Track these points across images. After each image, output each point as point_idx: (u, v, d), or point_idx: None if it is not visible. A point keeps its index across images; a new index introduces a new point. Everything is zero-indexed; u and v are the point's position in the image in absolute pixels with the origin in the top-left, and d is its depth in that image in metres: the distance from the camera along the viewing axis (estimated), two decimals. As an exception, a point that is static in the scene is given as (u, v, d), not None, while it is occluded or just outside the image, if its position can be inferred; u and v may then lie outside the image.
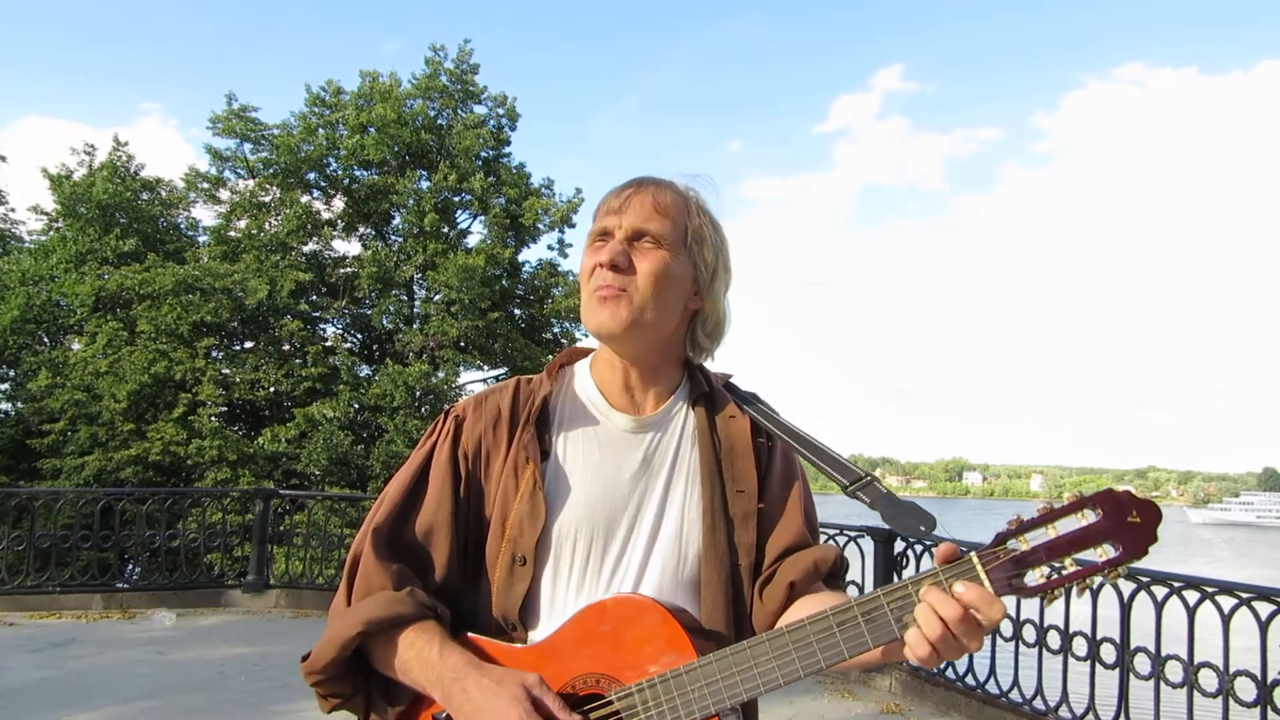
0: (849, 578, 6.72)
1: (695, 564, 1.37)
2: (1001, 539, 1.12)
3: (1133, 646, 4.96)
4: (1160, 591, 4.90)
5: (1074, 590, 1.12)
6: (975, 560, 1.12)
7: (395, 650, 1.30)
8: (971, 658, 5.89)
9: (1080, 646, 5.21)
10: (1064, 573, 1.10)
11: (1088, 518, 1.09)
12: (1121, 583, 5.07)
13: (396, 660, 1.30)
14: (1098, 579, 1.09)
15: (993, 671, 5.76)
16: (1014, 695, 5.58)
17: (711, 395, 1.49)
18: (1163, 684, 4.79)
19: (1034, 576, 1.11)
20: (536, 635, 1.35)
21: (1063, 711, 5.27)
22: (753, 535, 1.40)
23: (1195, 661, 4.64)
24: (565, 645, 1.27)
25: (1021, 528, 1.12)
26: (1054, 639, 5.36)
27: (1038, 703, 5.42)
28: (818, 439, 1.43)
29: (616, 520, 1.38)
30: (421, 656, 1.28)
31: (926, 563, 6.29)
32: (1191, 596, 4.76)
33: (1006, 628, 5.62)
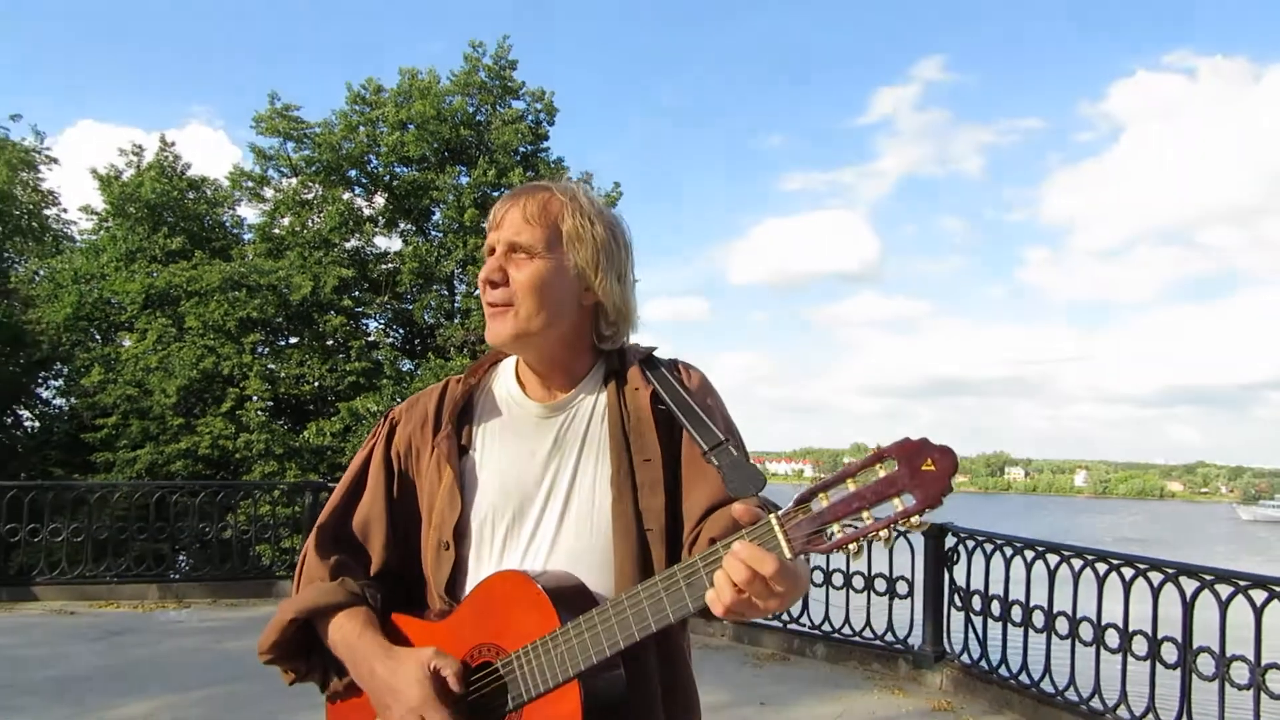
0: (899, 573, 6.71)
1: (606, 533, 1.47)
2: (803, 499, 1.15)
3: (1195, 646, 4.85)
4: (1225, 590, 4.79)
5: (874, 543, 1.13)
6: (773, 520, 1.16)
7: (329, 633, 1.49)
8: (1026, 655, 5.81)
9: (1140, 645, 5.10)
10: (860, 527, 1.11)
11: (887, 469, 1.10)
12: (1184, 580, 4.97)
13: (329, 642, 1.50)
14: (894, 530, 1.10)
15: (1048, 669, 5.67)
16: (1070, 694, 5.49)
17: (623, 371, 1.58)
18: (1228, 685, 4.69)
19: (832, 533, 1.13)
20: None
21: (1121, 711, 5.17)
22: (660, 501, 1.47)
23: (1262, 663, 4.54)
24: (464, 620, 1.43)
25: (821, 486, 1.14)
26: (1112, 637, 5.26)
27: (1095, 702, 5.31)
28: (700, 405, 1.49)
29: (530, 500, 1.50)
30: (346, 640, 1.47)
31: (979, 559, 6.21)
32: (1258, 596, 4.64)
33: (1063, 625, 5.54)
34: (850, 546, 1.12)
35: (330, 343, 21.66)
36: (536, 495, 1.51)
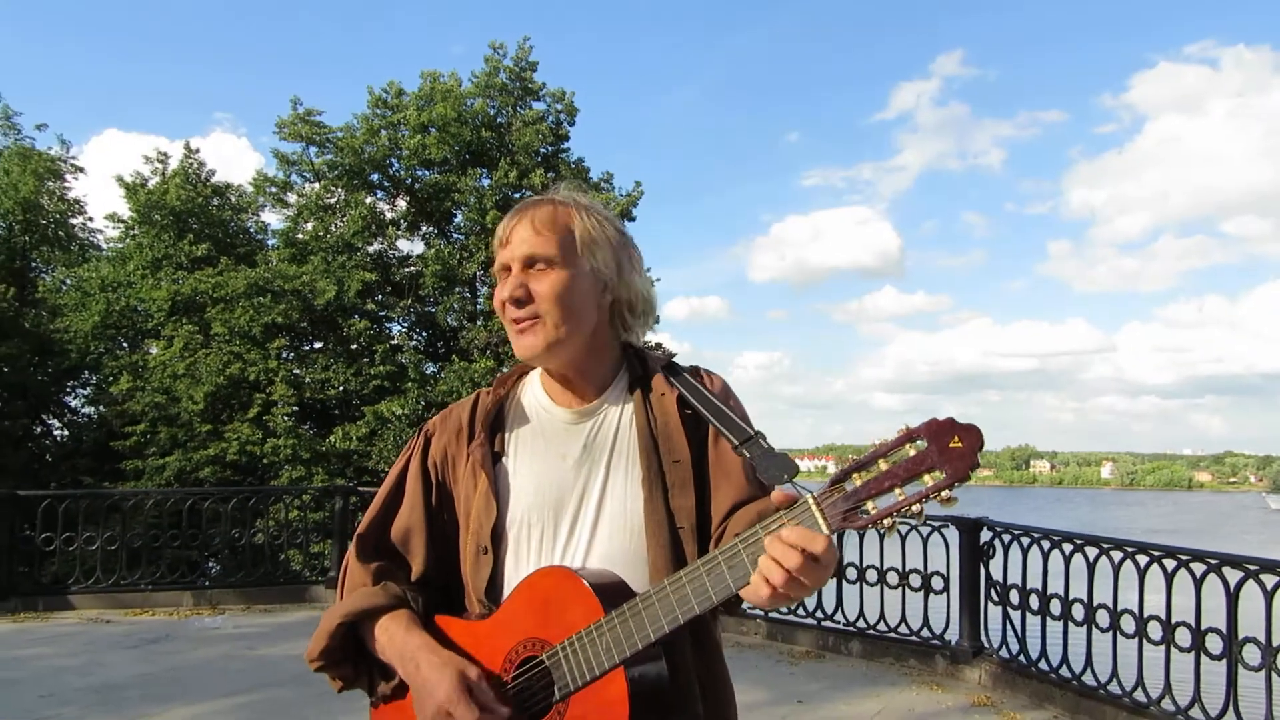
0: (934, 569, 6.64)
1: (639, 533, 1.51)
2: (837, 479, 1.20)
3: (1241, 637, 4.77)
4: (1270, 580, 4.70)
5: (907, 517, 1.17)
6: (810, 500, 1.21)
7: (375, 635, 1.54)
8: (1066, 648, 5.73)
9: (1184, 637, 5.02)
10: (893, 502, 1.16)
11: (916, 448, 1.15)
12: (1227, 571, 4.89)
13: (376, 644, 1.54)
14: (926, 504, 1.15)
15: (1089, 662, 5.59)
16: (1113, 687, 5.41)
17: (646, 377, 1.62)
18: (1275, 676, 4.60)
19: (867, 510, 1.18)
20: None
21: (1165, 704, 5.09)
22: (691, 499, 1.52)
23: (1312, 653, 4.45)
24: (509, 616, 1.46)
25: (855, 466, 1.19)
26: (1155, 629, 5.18)
27: (1139, 694, 5.24)
28: (725, 405, 1.54)
29: (564, 504, 1.54)
30: (392, 640, 1.51)
31: (1015, 552, 6.13)
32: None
33: (1103, 618, 5.46)
34: (884, 522, 1.18)
35: (355, 347, 21.76)
36: (570, 499, 1.56)
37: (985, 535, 6.36)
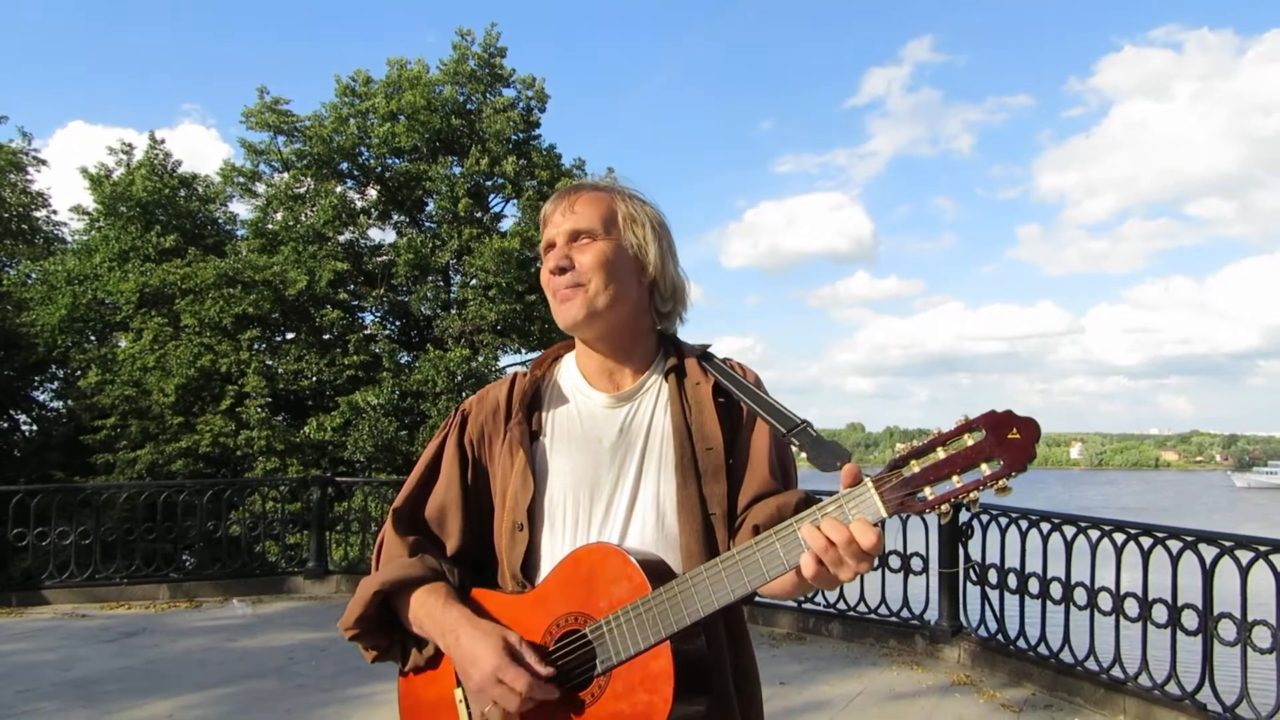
0: (914, 549, 6.70)
1: (672, 517, 1.55)
2: (895, 465, 1.23)
3: (1216, 613, 4.85)
4: (1245, 556, 4.78)
5: (963, 503, 1.20)
6: (869, 484, 1.24)
7: (410, 607, 1.55)
8: (1044, 626, 5.81)
9: (1160, 613, 5.10)
10: (950, 489, 1.19)
11: (974, 438, 1.19)
12: (1203, 547, 4.96)
13: (411, 615, 1.56)
14: (983, 491, 1.18)
15: (1067, 640, 5.66)
16: (1090, 664, 5.49)
17: (681, 365, 1.66)
18: (1250, 650, 4.68)
19: (925, 495, 1.21)
20: None
21: (1142, 679, 5.17)
22: (723, 487, 1.55)
23: (1286, 626, 4.53)
24: (551, 590, 1.47)
25: (913, 453, 1.22)
26: (1131, 606, 5.25)
27: (1116, 671, 5.32)
28: (768, 395, 1.58)
29: (600, 485, 1.57)
30: (429, 612, 1.53)
31: (994, 532, 6.20)
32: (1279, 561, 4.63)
33: (1081, 596, 5.54)
34: (942, 508, 1.21)
35: (327, 337, 21.58)
36: (605, 482, 1.58)
37: (964, 515, 6.42)
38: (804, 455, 1.51)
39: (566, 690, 1.43)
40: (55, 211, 23.05)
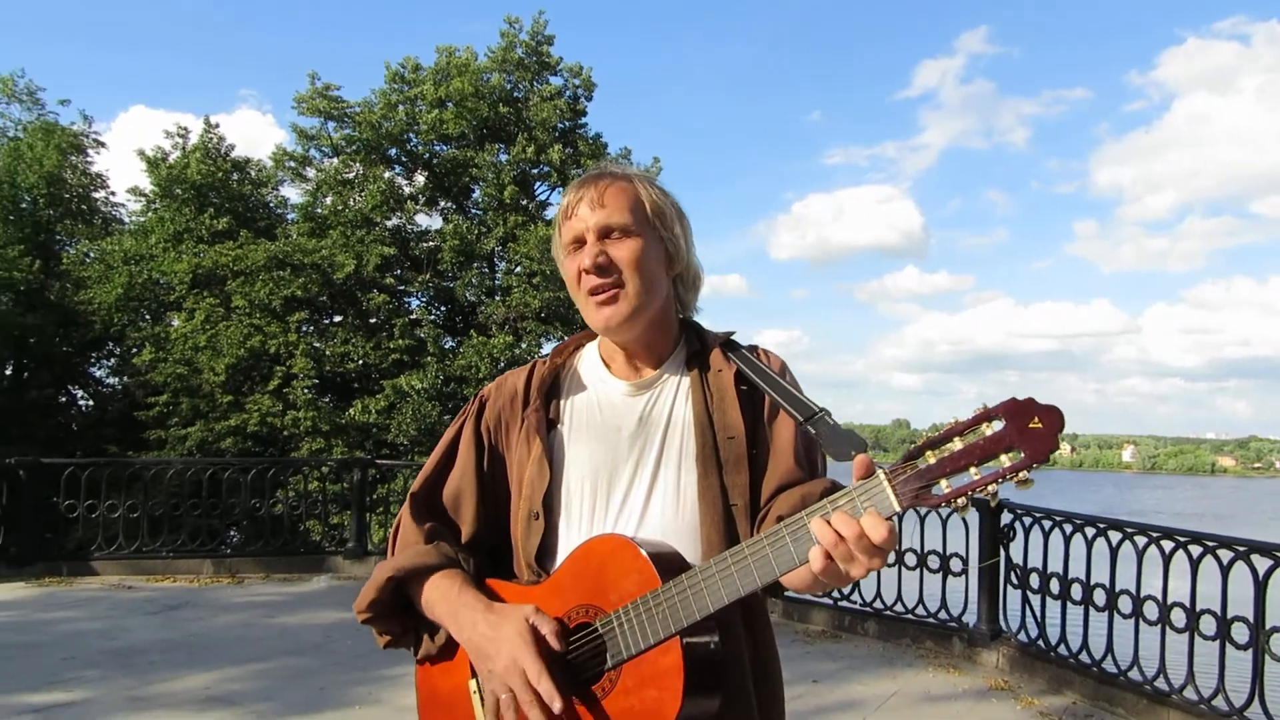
0: (954, 550, 6.58)
1: (692, 508, 1.50)
2: (910, 456, 1.18)
3: (1269, 626, 4.69)
4: (1298, 567, 4.62)
5: (981, 497, 1.15)
6: (883, 476, 1.19)
7: (424, 593, 1.53)
8: (1086, 633, 5.68)
9: (1209, 625, 4.94)
10: (967, 481, 1.14)
11: (993, 428, 1.12)
12: (1255, 558, 4.81)
13: (425, 601, 1.53)
14: (1002, 484, 1.12)
15: (1110, 649, 5.53)
16: (1134, 674, 5.35)
17: (703, 353, 1.62)
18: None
19: (940, 488, 1.15)
20: None
21: (1188, 693, 5.02)
22: (745, 477, 1.51)
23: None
24: (563, 582, 1.45)
25: (929, 443, 1.17)
26: (1179, 616, 5.10)
27: (1160, 682, 5.17)
28: (788, 383, 1.55)
29: (618, 474, 1.54)
30: (445, 596, 1.50)
31: (1036, 535, 6.07)
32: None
33: (1125, 604, 5.40)
34: (958, 501, 1.15)
35: (374, 321, 21.84)
36: (624, 471, 1.55)
37: (1006, 517, 6.30)
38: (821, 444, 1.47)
39: (580, 683, 1.40)
40: (114, 193, 23.60)
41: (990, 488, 1.13)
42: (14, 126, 21.70)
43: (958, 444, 1.15)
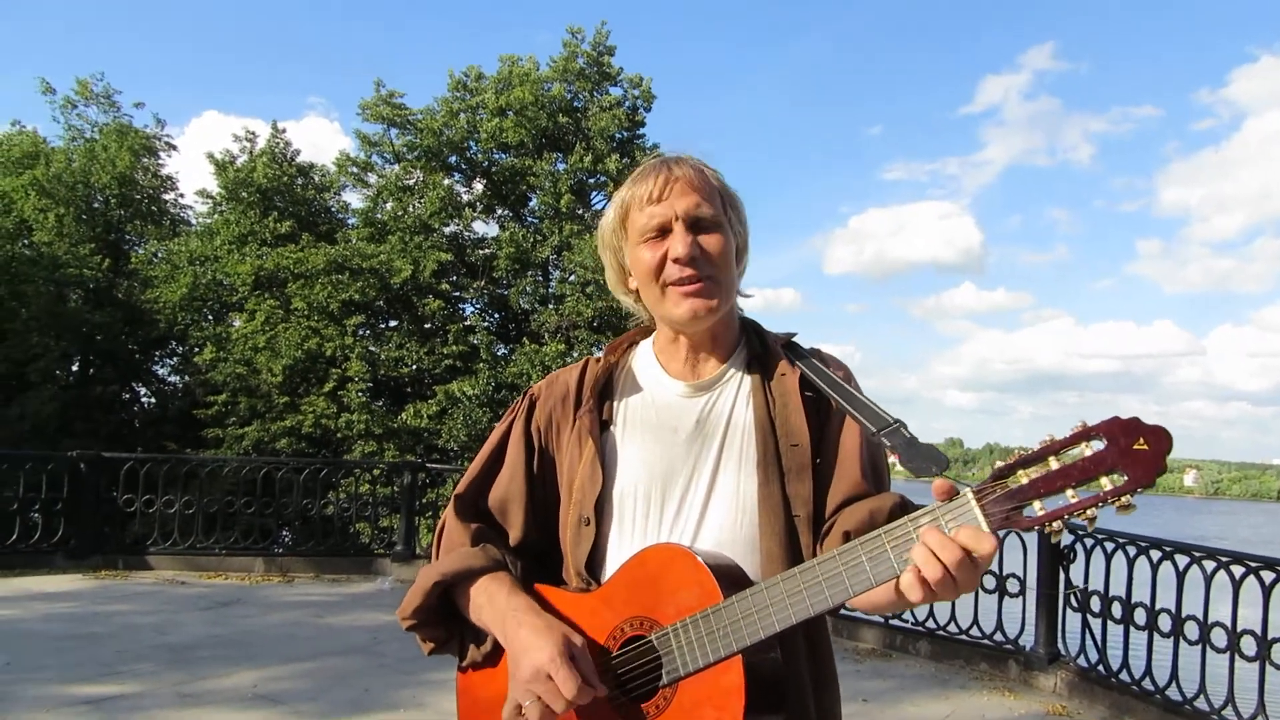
0: (1010, 570, 6.40)
1: (752, 517, 1.42)
2: (1000, 474, 1.11)
3: (1346, 658, 4.48)
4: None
5: (1077, 521, 1.06)
6: (970, 496, 1.11)
7: (471, 597, 1.46)
8: (1149, 660, 5.46)
9: (1280, 654, 4.74)
10: (1064, 504, 1.07)
11: (1093, 448, 1.06)
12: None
13: (471, 605, 1.46)
14: (1101, 509, 1.05)
15: (1175, 676, 5.31)
16: (1199, 703, 5.13)
17: (765, 356, 1.54)
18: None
19: (1034, 510, 1.08)
20: None
21: (1257, 724, 4.81)
22: (808, 487, 1.43)
23: None
24: (616, 592, 1.37)
25: (1020, 462, 1.09)
26: (1249, 644, 4.89)
27: (1228, 712, 4.96)
28: (858, 391, 1.45)
29: (673, 479, 1.46)
30: (492, 600, 1.43)
31: (1098, 557, 5.87)
32: None
33: (1192, 631, 5.18)
34: (1054, 525, 1.07)
35: (428, 326, 22.08)
36: (680, 475, 1.47)
37: (1066, 538, 6.09)
38: (895, 459, 1.38)
39: (630, 700, 1.34)
40: (182, 195, 24.26)
41: (1090, 512, 1.05)
42: (90, 128, 22.44)
43: (1054, 463, 1.07)
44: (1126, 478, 1.03)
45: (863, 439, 1.46)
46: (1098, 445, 1.05)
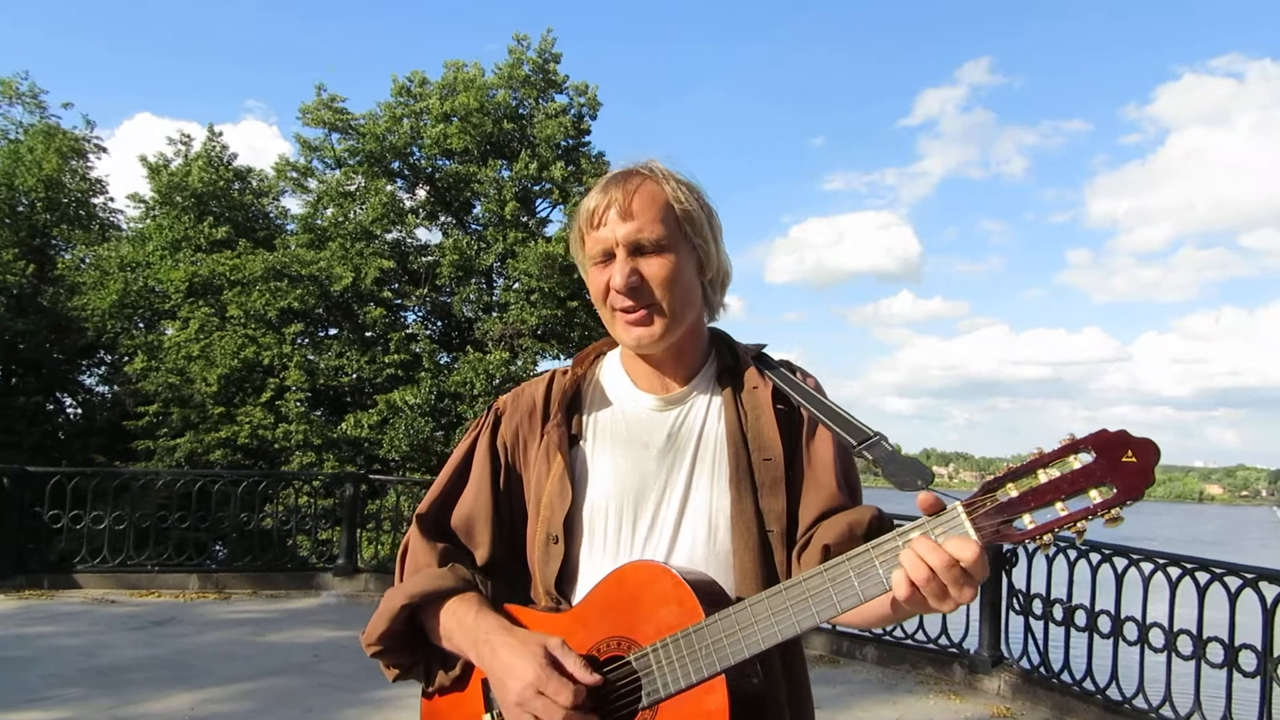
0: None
1: (725, 533, 1.40)
2: (989, 488, 1.11)
3: (1276, 654, 4.62)
4: (1309, 597, 4.55)
5: (1068, 534, 1.07)
6: (960, 509, 1.12)
7: (440, 620, 1.42)
8: (1090, 661, 5.57)
9: (1216, 653, 4.87)
10: (1053, 517, 1.07)
11: (1081, 460, 1.06)
12: (1264, 585, 4.74)
13: (441, 628, 1.42)
14: (1091, 521, 1.06)
15: (1115, 676, 5.43)
16: (1139, 702, 5.25)
17: (736, 368, 1.51)
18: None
19: (1023, 523, 1.08)
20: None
21: (1195, 720, 4.94)
22: (782, 502, 1.40)
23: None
24: (591, 611, 1.33)
25: (1009, 475, 1.10)
26: (1185, 644, 5.03)
27: (1166, 710, 5.08)
28: (833, 402, 1.43)
29: (645, 495, 1.42)
30: (461, 623, 1.39)
31: (1040, 561, 5.98)
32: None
33: (1131, 631, 5.30)
34: (1044, 538, 1.08)
35: (369, 334, 21.72)
36: (652, 491, 1.44)
37: (1006, 546, 6.19)
38: (877, 472, 1.36)
39: None
40: (113, 199, 23.54)
41: (1080, 524, 1.06)
42: (15, 129, 21.65)
43: (1042, 476, 1.08)
44: (1115, 490, 1.04)
45: (836, 450, 1.44)
46: (1086, 458, 1.06)
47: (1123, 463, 1.04)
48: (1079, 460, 1.06)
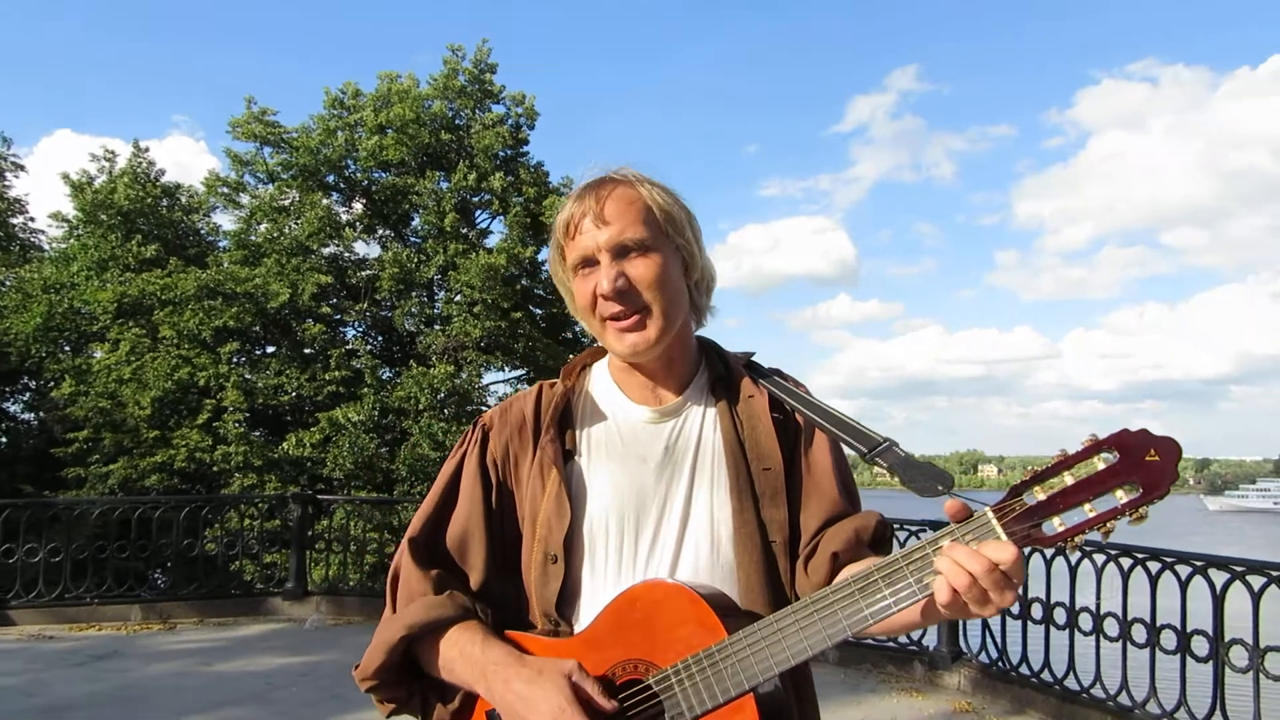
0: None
1: (728, 545, 1.37)
2: (1016, 491, 1.11)
3: (1227, 639, 4.74)
4: (1257, 582, 4.68)
5: (1096, 534, 1.08)
6: (990, 514, 1.11)
7: (440, 651, 1.35)
8: (1047, 653, 5.67)
9: (1169, 640, 4.99)
10: (1082, 520, 1.08)
11: (1106, 461, 1.06)
12: (1213, 572, 4.87)
13: (441, 660, 1.35)
14: (1119, 521, 1.07)
15: (1072, 667, 5.54)
16: (1096, 691, 5.35)
17: (729, 377, 1.48)
18: (1262, 678, 4.57)
19: (1052, 526, 1.08)
20: (580, 628, 1.35)
21: (1151, 707, 5.05)
22: (783, 511, 1.38)
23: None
24: (602, 634, 1.28)
25: (1036, 478, 1.10)
26: (1139, 632, 5.14)
27: (1123, 698, 5.19)
28: (836, 409, 1.41)
29: (645, 510, 1.38)
30: (465, 654, 1.32)
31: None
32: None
33: (1086, 622, 5.41)
34: (1075, 539, 1.08)
35: (309, 351, 21.24)
36: (652, 506, 1.40)
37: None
38: (894, 479, 1.34)
39: None
40: (33, 218, 22.73)
41: (1109, 524, 1.06)
42: (-75, 148, 20.76)
43: (1069, 478, 1.08)
44: (1141, 489, 1.04)
45: (834, 456, 1.43)
46: (1110, 458, 1.06)
47: (1146, 461, 1.04)
48: (1103, 461, 1.06)
